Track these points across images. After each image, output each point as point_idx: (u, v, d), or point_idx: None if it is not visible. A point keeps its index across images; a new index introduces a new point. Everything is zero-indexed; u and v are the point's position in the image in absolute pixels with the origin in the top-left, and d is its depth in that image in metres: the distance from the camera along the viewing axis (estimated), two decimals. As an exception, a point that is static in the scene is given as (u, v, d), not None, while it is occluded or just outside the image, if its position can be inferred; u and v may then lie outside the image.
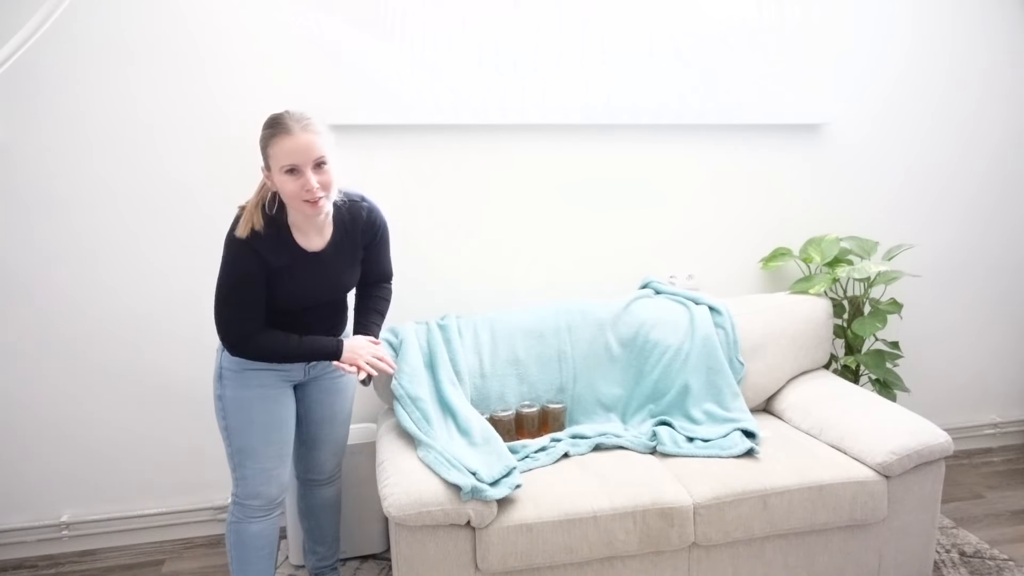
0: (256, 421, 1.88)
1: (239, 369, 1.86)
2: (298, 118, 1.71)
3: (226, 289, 1.78)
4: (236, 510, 1.94)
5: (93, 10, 2.27)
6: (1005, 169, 3.08)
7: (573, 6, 2.54)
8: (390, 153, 2.54)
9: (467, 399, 2.24)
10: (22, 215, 2.33)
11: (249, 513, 1.92)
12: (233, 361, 1.86)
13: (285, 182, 1.71)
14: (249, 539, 1.93)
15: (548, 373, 2.36)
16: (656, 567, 2.00)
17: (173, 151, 2.40)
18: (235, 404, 1.86)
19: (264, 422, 1.88)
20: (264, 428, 1.88)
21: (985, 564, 2.40)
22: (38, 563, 2.49)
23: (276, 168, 1.71)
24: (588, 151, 2.68)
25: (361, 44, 2.43)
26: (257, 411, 1.87)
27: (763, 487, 2.01)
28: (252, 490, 1.90)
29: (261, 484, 1.90)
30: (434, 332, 2.33)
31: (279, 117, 1.72)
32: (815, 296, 2.64)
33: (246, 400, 1.86)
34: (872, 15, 2.82)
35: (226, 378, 1.87)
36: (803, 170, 2.88)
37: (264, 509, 1.93)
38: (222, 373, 1.88)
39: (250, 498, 1.91)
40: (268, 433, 1.89)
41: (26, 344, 2.40)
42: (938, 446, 2.10)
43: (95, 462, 2.51)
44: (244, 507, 1.92)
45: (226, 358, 1.87)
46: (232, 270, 1.77)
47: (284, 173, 1.70)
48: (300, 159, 1.68)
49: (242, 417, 1.87)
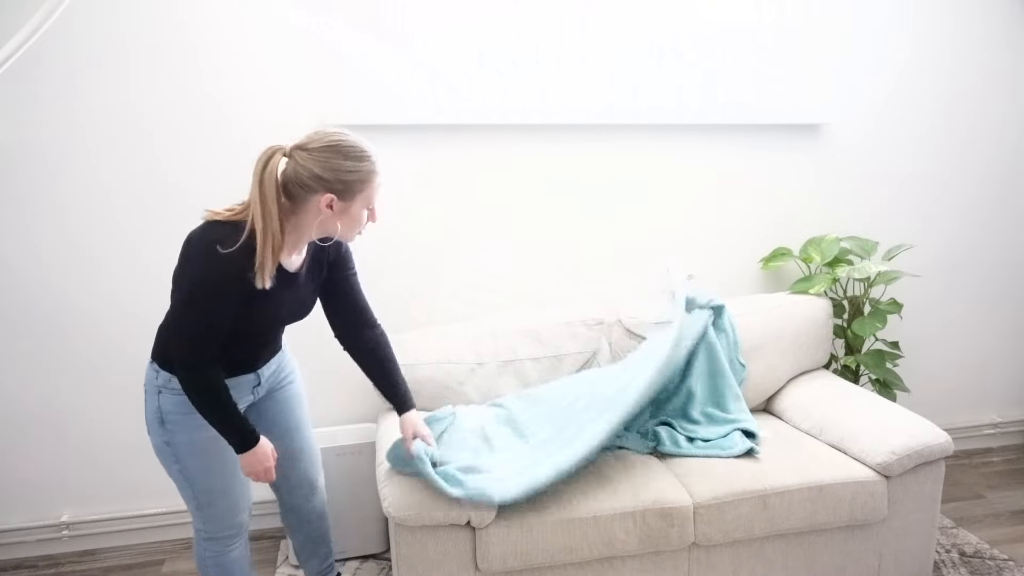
0: (217, 463, 1.72)
1: (185, 410, 1.65)
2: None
3: (205, 303, 1.55)
4: (210, 546, 1.80)
5: (92, 11, 2.27)
6: (1005, 169, 3.08)
7: (573, 6, 2.54)
8: (390, 153, 2.54)
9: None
10: (22, 216, 2.33)
11: (226, 544, 1.81)
12: (177, 403, 1.66)
13: (360, 217, 1.64)
14: (231, 565, 1.83)
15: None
16: (656, 567, 2.00)
17: (173, 152, 2.40)
18: (189, 448, 1.69)
19: (227, 460, 1.72)
20: (229, 465, 1.73)
21: (985, 564, 2.40)
22: (38, 563, 2.49)
23: (361, 202, 1.62)
24: (588, 151, 2.68)
25: (361, 44, 2.43)
26: (216, 452, 1.70)
27: (763, 487, 2.01)
28: (225, 523, 1.79)
29: (233, 515, 1.79)
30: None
31: (368, 152, 1.61)
32: (815, 296, 2.64)
33: (201, 443, 1.69)
34: (872, 15, 2.82)
35: (171, 423, 1.67)
36: (803, 170, 2.88)
37: (239, 535, 1.83)
38: (164, 417, 1.68)
39: (224, 530, 1.79)
40: (234, 469, 1.74)
41: (26, 344, 2.40)
42: (938, 446, 2.10)
43: (95, 462, 2.51)
44: (218, 540, 1.80)
45: (167, 400, 1.67)
46: (217, 285, 1.53)
47: (364, 208, 1.64)
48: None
49: (201, 461, 1.71)
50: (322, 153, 1.54)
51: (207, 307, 1.55)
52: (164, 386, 1.67)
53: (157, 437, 1.71)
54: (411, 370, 2.29)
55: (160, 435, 1.70)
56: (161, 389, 1.68)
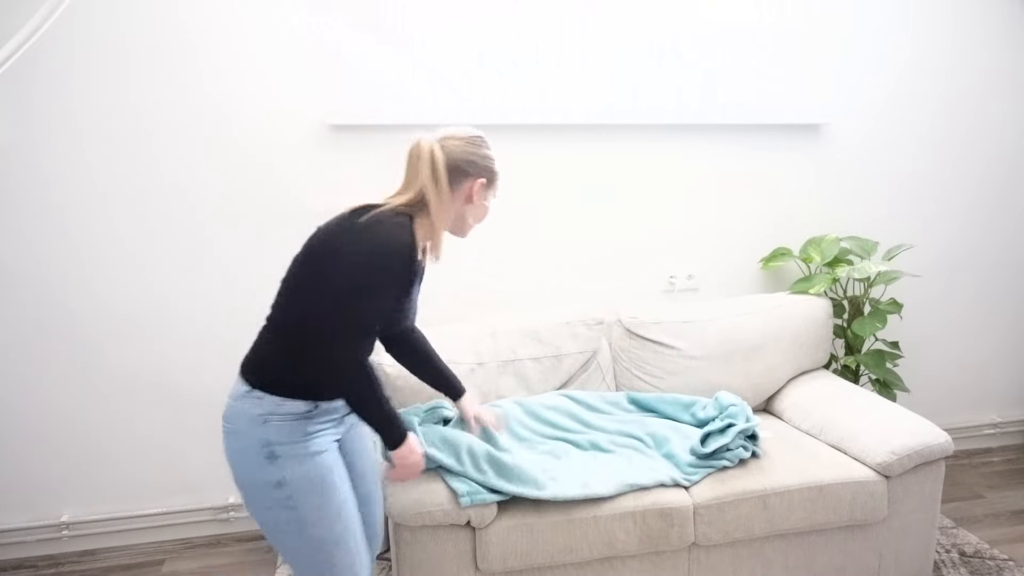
0: (334, 499, 1.51)
1: (298, 438, 1.48)
2: None
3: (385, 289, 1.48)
4: None
5: (92, 11, 2.27)
6: (1005, 169, 3.08)
7: (573, 6, 2.54)
8: (390, 153, 2.53)
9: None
10: (21, 216, 2.33)
11: None
12: (288, 430, 1.48)
13: (488, 208, 1.69)
14: None
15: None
16: (656, 567, 2.00)
17: (173, 152, 2.39)
18: (306, 484, 1.47)
19: (343, 496, 1.53)
20: (344, 503, 1.53)
21: (985, 564, 2.40)
22: (38, 563, 2.49)
23: (492, 193, 1.67)
24: (588, 151, 2.68)
25: (361, 44, 2.43)
26: (328, 486, 1.50)
27: (763, 487, 2.01)
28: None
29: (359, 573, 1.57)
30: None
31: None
32: (815, 296, 2.64)
33: (313, 475, 1.48)
34: (872, 15, 2.82)
35: (282, 456, 1.46)
36: (803, 170, 2.88)
37: None
38: (274, 451, 1.46)
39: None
40: (349, 509, 1.54)
41: (26, 345, 2.40)
42: (938, 446, 2.10)
43: (95, 462, 2.51)
44: None
45: (276, 430, 1.47)
46: (403, 267, 1.49)
47: (490, 200, 1.68)
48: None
49: (316, 500, 1.48)
50: (470, 142, 1.62)
51: (387, 292, 1.50)
52: (272, 413, 1.47)
53: (264, 478, 1.46)
54: (411, 370, 2.29)
55: (269, 474, 1.46)
56: (267, 418, 1.47)
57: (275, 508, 1.48)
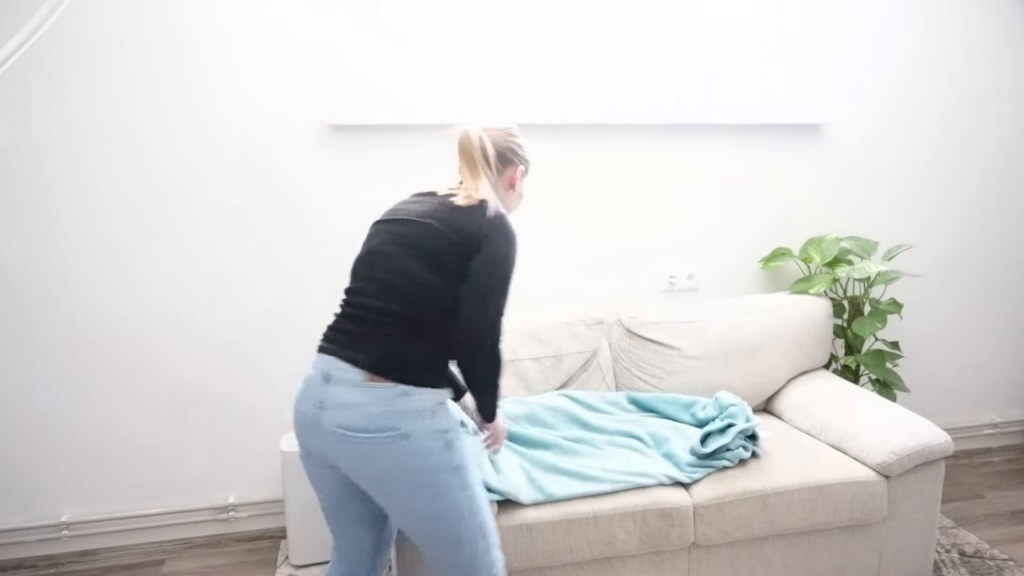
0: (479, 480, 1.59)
1: (455, 422, 1.55)
2: None
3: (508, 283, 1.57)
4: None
5: (91, 11, 2.27)
6: (1005, 169, 3.08)
7: (573, 6, 2.54)
8: (390, 153, 2.54)
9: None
10: (21, 216, 2.33)
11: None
12: (447, 417, 1.53)
13: (522, 194, 1.77)
14: None
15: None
16: (656, 567, 2.00)
17: (173, 152, 2.39)
18: (471, 466, 1.55)
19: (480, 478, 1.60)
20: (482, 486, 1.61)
21: (985, 564, 2.40)
22: (38, 563, 2.49)
23: (524, 181, 1.76)
24: (588, 151, 2.68)
25: (361, 44, 2.43)
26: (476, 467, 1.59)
27: (763, 487, 2.01)
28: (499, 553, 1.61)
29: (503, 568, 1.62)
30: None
31: None
32: (815, 296, 2.64)
33: (473, 455, 1.59)
34: (872, 15, 2.82)
35: (455, 441, 1.52)
36: (803, 170, 2.88)
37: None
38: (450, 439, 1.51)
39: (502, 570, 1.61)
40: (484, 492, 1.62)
41: (25, 345, 2.40)
42: (938, 446, 2.10)
43: (95, 462, 2.51)
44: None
45: (445, 417, 1.52)
46: (514, 263, 1.58)
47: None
48: None
49: (478, 477, 1.58)
50: (508, 132, 1.70)
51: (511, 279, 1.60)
52: (437, 403, 1.52)
53: (447, 465, 1.50)
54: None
55: (450, 460, 1.50)
56: (434, 409, 1.50)
57: (457, 493, 1.51)
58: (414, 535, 1.56)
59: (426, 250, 1.53)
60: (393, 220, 1.62)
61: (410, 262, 1.53)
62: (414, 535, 1.56)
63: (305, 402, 1.53)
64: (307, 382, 1.55)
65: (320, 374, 1.52)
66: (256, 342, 2.54)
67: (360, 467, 1.49)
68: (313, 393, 1.52)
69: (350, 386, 1.48)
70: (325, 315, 2.56)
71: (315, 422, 1.50)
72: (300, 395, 1.55)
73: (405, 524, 1.55)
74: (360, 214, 2.53)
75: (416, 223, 1.57)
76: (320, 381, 1.51)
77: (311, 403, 1.52)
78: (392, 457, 1.46)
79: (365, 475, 1.50)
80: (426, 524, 1.52)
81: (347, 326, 1.56)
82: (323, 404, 1.49)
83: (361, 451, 1.47)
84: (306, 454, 1.60)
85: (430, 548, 1.56)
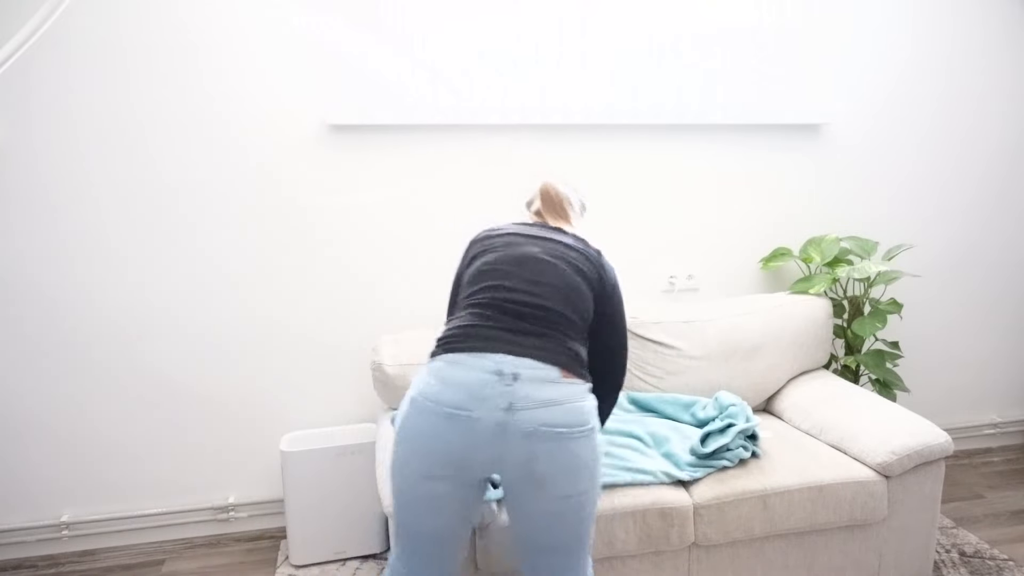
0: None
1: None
2: None
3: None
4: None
5: (91, 11, 2.27)
6: (1005, 169, 3.08)
7: (573, 6, 2.54)
8: (390, 153, 2.54)
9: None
10: (20, 216, 2.33)
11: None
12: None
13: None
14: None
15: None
16: (656, 567, 2.00)
17: (173, 152, 2.39)
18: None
19: None
20: None
21: (985, 564, 2.40)
22: (38, 563, 2.49)
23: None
24: (588, 151, 2.68)
25: (361, 44, 2.43)
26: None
27: (763, 487, 2.01)
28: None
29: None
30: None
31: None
32: (815, 296, 2.64)
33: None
34: (872, 15, 2.82)
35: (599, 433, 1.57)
36: (803, 170, 2.88)
37: None
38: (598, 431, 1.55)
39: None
40: None
41: (25, 344, 2.40)
42: (938, 446, 2.10)
43: (95, 462, 2.51)
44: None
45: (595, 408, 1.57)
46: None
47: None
48: None
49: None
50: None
51: None
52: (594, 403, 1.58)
53: (600, 451, 1.55)
54: (411, 369, 2.30)
55: (600, 449, 1.55)
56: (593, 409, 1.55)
57: (598, 477, 1.54)
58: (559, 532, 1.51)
59: (577, 267, 1.65)
60: (529, 236, 1.70)
61: (572, 274, 1.64)
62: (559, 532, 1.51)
63: (480, 408, 1.43)
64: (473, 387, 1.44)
65: (495, 375, 1.45)
66: (256, 342, 2.54)
67: (556, 463, 1.45)
68: (495, 397, 1.43)
69: (547, 383, 1.47)
70: (325, 315, 2.56)
71: (502, 425, 1.43)
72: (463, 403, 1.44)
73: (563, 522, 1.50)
74: (360, 214, 2.54)
75: (558, 242, 1.69)
76: (498, 382, 1.44)
77: (494, 408, 1.43)
78: (588, 451, 1.49)
79: (557, 472, 1.45)
80: (586, 518, 1.53)
81: (519, 325, 1.53)
82: (513, 405, 1.43)
83: (561, 447, 1.45)
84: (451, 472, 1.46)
85: (568, 541, 1.53)
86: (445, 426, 1.44)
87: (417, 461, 1.47)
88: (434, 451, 1.45)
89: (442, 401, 1.45)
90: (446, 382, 1.47)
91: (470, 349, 1.50)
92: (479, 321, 1.55)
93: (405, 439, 1.48)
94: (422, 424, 1.46)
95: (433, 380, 1.49)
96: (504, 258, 1.63)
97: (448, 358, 1.51)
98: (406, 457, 1.48)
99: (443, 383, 1.47)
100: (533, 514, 1.50)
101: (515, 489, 1.49)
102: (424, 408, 1.46)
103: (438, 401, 1.45)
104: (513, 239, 1.69)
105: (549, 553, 1.54)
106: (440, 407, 1.45)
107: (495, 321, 1.54)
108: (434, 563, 1.56)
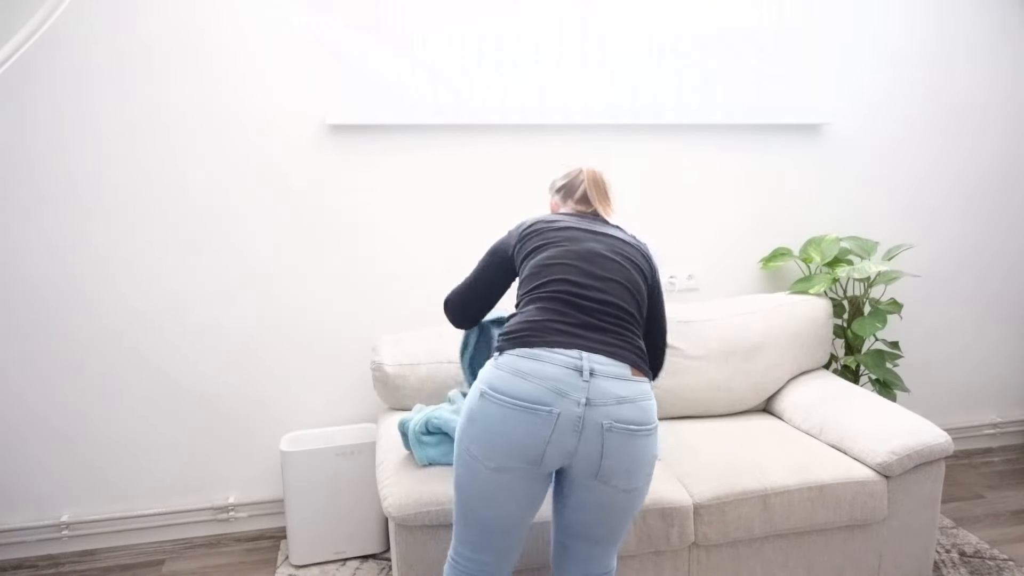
0: None
1: None
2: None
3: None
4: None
5: (91, 12, 2.27)
6: (1005, 169, 3.08)
7: (573, 6, 2.54)
8: (390, 153, 2.54)
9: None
10: (20, 215, 2.33)
11: None
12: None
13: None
14: None
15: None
16: (656, 567, 2.00)
17: (173, 152, 2.39)
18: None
19: None
20: None
21: (985, 564, 2.40)
22: (38, 563, 2.49)
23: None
24: (588, 151, 2.68)
25: (361, 44, 2.43)
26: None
27: (763, 487, 2.01)
28: None
29: None
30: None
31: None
32: (815, 296, 2.64)
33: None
34: (872, 15, 2.82)
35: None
36: (803, 170, 2.88)
37: None
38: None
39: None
40: None
41: (24, 345, 2.40)
42: (938, 446, 2.10)
43: (95, 462, 2.51)
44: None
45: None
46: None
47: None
48: None
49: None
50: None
51: None
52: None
53: (657, 452, 1.58)
54: (411, 369, 2.30)
55: (658, 447, 1.57)
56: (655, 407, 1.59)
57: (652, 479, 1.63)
58: (611, 523, 1.56)
59: (635, 263, 1.67)
60: (589, 231, 1.69)
61: (632, 271, 1.65)
62: (611, 523, 1.56)
63: (560, 403, 1.43)
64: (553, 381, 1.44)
65: (574, 371, 1.44)
66: (256, 341, 2.54)
67: (623, 459, 1.47)
68: (574, 392, 1.43)
69: (620, 380, 1.47)
70: (325, 315, 2.56)
71: (580, 420, 1.43)
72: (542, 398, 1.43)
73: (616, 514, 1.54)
74: (359, 214, 2.54)
75: (616, 238, 1.69)
76: (577, 377, 1.44)
77: (573, 403, 1.43)
78: (652, 448, 1.52)
79: (623, 467, 1.48)
80: (635, 511, 1.58)
81: (590, 321, 1.53)
82: (591, 401, 1.43)
83: (630, 443, 1.47)
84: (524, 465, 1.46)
85: (615, 532, 1.58)
86: (520, 420, 1.43)
87: (489, 455, 1.46)
88: (507, 445, 1.45)
89: (518, 396, 1.44)
90: (523, 376, 1.45)
91: (546, 343, 1.48)
92: (551, 316, 1.53)
93: (477, 433, 1.47)
94: (494, 418, 1.45)
95: (506, 374, 1.47)
96: (568, 253, 1.62)
97: (523, 352, 1.48)
98: (476, 450, 1.48)
99: (519, 377, 1.45)
100: (590, 505, 1.52)
101: (578, 481, 1.51)
102: (497, 401, 1.45)
103: (513, 395, 1.44)
104: (574, 233, 1.67)
105: (593, 543, 1.59)
106: (516, 401, 1.44)
107: (567, 316, 1.53)
108: (497, 549, 1.59)
